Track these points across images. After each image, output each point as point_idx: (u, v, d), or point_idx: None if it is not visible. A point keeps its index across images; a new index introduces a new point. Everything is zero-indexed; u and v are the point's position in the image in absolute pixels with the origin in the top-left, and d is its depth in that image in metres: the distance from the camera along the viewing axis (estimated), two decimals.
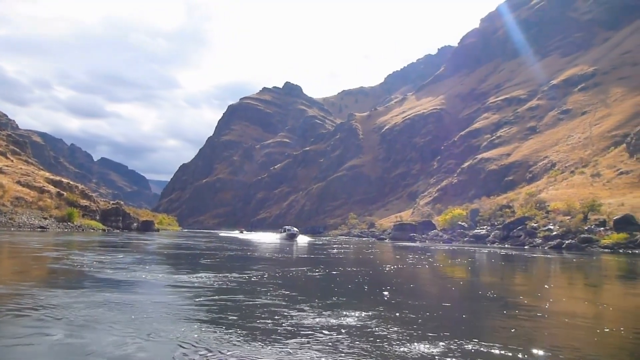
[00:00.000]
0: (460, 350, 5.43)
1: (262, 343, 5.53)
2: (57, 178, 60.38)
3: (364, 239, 78.13)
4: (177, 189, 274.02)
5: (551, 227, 45.66)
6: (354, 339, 5.79)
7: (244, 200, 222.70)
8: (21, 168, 56.19)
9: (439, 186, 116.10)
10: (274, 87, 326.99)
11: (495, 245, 47.21)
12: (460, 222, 63.73)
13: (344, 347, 5.42)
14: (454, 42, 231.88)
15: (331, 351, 5.27)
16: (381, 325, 6.61)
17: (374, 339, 5.82)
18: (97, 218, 53.90)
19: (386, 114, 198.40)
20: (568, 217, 45.85)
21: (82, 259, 15.15)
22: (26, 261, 14.69)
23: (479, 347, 5.58)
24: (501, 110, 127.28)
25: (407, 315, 7.46)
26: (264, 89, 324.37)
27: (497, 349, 5.58)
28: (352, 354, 5.18)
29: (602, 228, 40.50)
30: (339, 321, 6.77)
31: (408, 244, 52.09)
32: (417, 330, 6.40)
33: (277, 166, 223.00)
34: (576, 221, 43.29)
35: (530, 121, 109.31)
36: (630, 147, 65.71)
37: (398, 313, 7.53)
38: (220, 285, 10.26)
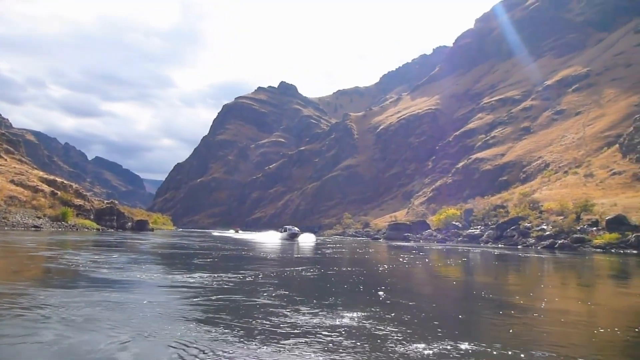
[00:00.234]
0: (457, 351, 5.47)
1: (258, 343, 5.55)
2: (51, 177, 60.02)
3: (359, 238, 78.28)
4: (171, 188, 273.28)
5: (544, 227, 45.96)
6: (350, 340, 5.81)
7: (239, 200, 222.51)
8: (15, 167, 55.83)
9: (434, 186, 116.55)
10: (269, 87, 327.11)
11: (488, 245, 47.46)
12: (454, 222, 64.00)
13: (340, 348, 5.45)
14: (449, 42, 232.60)
15: (327, 351, 5.29)
16: (377, 325, 6.64)
17: (370, 340, 5.85)
18: (92, 217, 53.68)
19: (381, 114, 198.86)
20: (561, 217, 46.16)
21: (77, 258, 15.09)
22: (20, 260, 14.62)
23: (475, 347, 5.62)
24: (495, 110, 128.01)
25: (403, 315, 7.50)
26: (259, 89, 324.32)
27: (494, 349, 5.63)
28: (348, 354, 5.21)
29: (595, 228, 40.82)
30: (334, 321, 6.80)
31: (402, 243, 52.24)
32: (413, 330, 6.43)
33: (272, 166, 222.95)
34: (569, 221, 43.61)
35: (524, 121, 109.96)
36: (623, 148, 66.21)
37: (393, 313, 7.57)
38: (216, 285, 10.27)
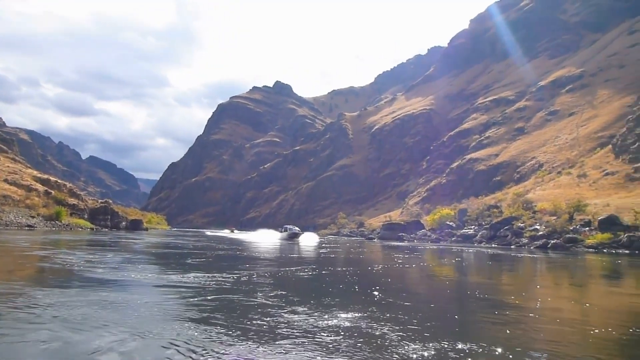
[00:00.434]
0: (454, 351, 5.51)
1: (253, 343, 5.57)
2: (45, 176, 59.68)
3: (353, 238, 78.37)
4: (166, 187, 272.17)
5: (537, 227, 46.24)
6: (346, 340, 5.85)
7: (233, 200, 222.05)
8: (8, 166, 55.47)
9: (428, 186, 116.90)
10: (264, 86, 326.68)
11: (482, 245, 47.68)
12: (448, 222, 64.23)
13: (336, 348, 5.49)
14: (444, 42, 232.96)
15: (323, 351, 5.33)
16: (373, 325, 6.68)
17: (366, 340, 5.89)
18: (86, 217, 53.46)
19: (376, 114, 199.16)
20: (554, 217, 46.46)
21: (71, 258, 15.04)
22: (14, 260, 14.56)
23: (473, 348, 5.67)
24: (490, 111, 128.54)
25: (398, 315, 7.54)
26: (254, 88, 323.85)
27: (491, 349, 5.69)
28: (344, 355, 5.25)
29: (587, 228, 41.13)
30: (330, 321, 6.83)
31: (396, 243, 52.36)
32: (409, 330, 6.47)
33: (266, 165, 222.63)
34: (562, 221, 43.93)
35: (518, 122, 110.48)
36: (616, 148, 66.74)
37: (388, 313, 7.61)
38: (210, 285, 10.28)
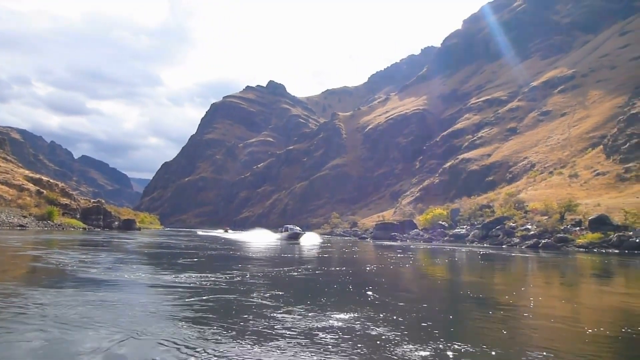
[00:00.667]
0: (448, 351, 5.55)
1: (248, 343, 5.60)
2: (37, 176, 59.29)
3: (346, 238, 78.46)
4: (159, 187, 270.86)
5: (529, 226, 46.59)
6: (340, 340, 5.88)
7: (226, 199, 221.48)
8: (0, 166, 55.09)
9: (421, 186, 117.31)
10: (258, 86, 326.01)
11: (474, 244, 47.92)
12: (440, 222, 64.50)
13: (330, 348, 5.52)
14: (437, 42, 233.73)
15: (317, 351, 5.36)
16: (367, 325, 6.72)
17: (360, 340, 5.93)
18: (78, 216, 53.19)
19: (369, 113, 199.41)
20: (545, 217, 46.84)
21: (64, 258, 14.98)
22: (7, 260, 14.49)
23: (468, 348, 5.71)
24: (482, 111, 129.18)
25: (392, 316, 7.56)
26: (248, 88, 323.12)
27: (486, 348, 5.74)
28: (338, 355, 5.28)
29: (578, 228, 41.52)
30: (324, 322, 6.86)
31: (389, 243, 52.49)
32: (404, 331, 6.50)
33: (260, 165, 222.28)
34: (553, 221, 44.30)
35: (511, 122, 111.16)
36: (607, 149, 67.39)
37: (383, 314, 7.64)
38: (204, 285, 10.28)
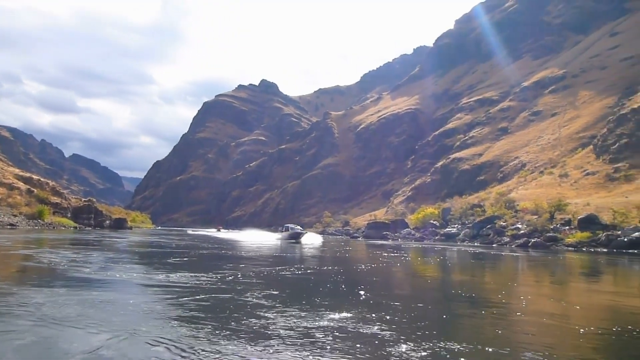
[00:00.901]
0: (442, 350, 5.59)
1: (241, 342, 5.60)
2: (27, 174, 58.75)
3: (338, 237, 78.58)
4: (150, 186, 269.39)
5: (519, 226, 47.01)
6: (334, 340, 5.89)
7: (218, 198, 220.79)
8: None
9: (413, 185, 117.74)
10: (250, 85, 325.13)
11: (465, 243, 48.28)
12: (432, 221, 64.83)
13: (324, 348, 5.54)
14: (430, 42, 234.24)
15: (311, 351, 5.37)
16: (360, 325, 6.74)
17: (354, 339, 5.94)
18: (69, 215, 52.82)
19: (362, 113, 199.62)
20: (535, 216, 47.28)
21: (55, 257, 14.87)
22: None
23: (463, 347, 5.73)
24: (474, 110, 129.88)
25: (386, 315, 7.57)
26: (240, 86, 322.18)
27: (478, 347, 5.78)
28: (331, 354, 5.29)
29: (567, 227, 41.97)
30: (317, 321, 6.88)
31: (381, 242, 52.64)
32: (397, 330, 6.52)
33: (252, 164, 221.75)
34: (542, 220, 44.73)
35: (502, 122, 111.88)
36: (597, 149, 68.10)
37: (375, 313, 7.67)
38: (197, 284, 10.25)
